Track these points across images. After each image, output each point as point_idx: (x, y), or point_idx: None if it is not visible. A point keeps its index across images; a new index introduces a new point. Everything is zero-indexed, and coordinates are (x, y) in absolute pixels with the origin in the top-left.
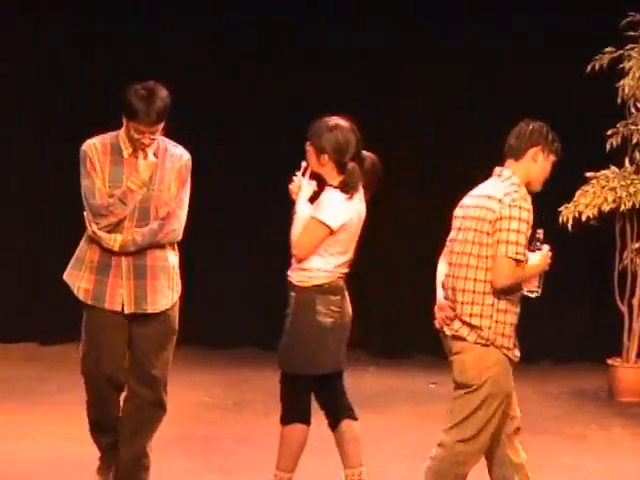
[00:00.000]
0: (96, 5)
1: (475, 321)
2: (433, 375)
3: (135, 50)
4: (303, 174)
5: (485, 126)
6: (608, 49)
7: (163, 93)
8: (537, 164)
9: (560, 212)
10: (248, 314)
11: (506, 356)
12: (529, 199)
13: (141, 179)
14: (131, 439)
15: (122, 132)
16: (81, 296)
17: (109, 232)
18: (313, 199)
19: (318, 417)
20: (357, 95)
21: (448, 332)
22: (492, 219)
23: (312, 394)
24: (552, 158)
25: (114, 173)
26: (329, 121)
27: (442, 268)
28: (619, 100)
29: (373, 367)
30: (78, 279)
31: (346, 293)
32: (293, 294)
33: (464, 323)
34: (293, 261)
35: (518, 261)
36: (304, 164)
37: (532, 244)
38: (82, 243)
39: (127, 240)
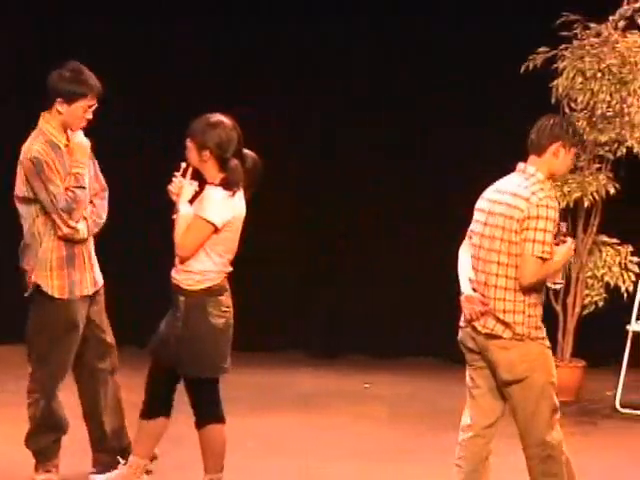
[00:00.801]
0: None
1: (508, 317)
2: (367, 375)
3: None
4: (183, 174)
5: (414, 127)
6: (542, 49)
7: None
8: (559, 159)
9: None
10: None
11: (543, 345)
12: (553, 194)
13: (84, 160)
14: (113, 411)
15: (47, 125)
16: (57, 294)
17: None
18: (193, 199)
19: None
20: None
21: (481, 329)
22: (520, 218)
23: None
24: (573, 151)
25: (62, 167)
26: (211, 118)
27: (465, 260)
28: (553, 100)
29: (309, 367)
30: (49, 278)
31: (229, 291)
32: (182, 298)
33: (498, 320)
34: (177, 262)
35: (544, 259)
36: (184, 165)
37: (557, 237)
38: (42, 245)
39: (89, 225)
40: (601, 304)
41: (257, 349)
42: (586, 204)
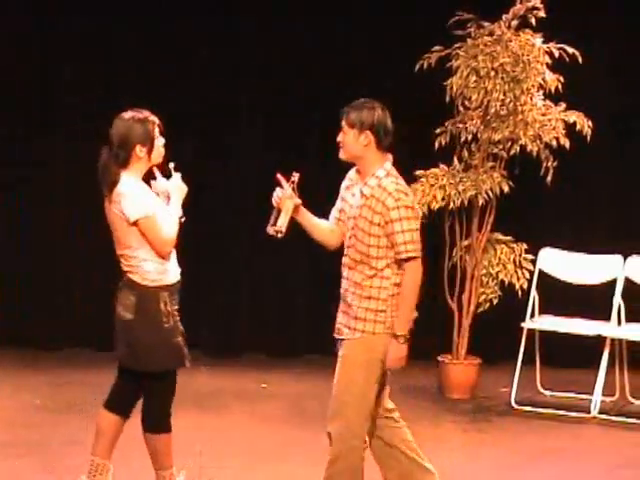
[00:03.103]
0: None
1: None
2: (264, 375)
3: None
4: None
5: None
6: (436, 48)
7: None
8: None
9: None
10: (81, 314)
11: None
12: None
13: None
14: None
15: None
16: None
17: None
18: None
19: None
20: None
21: None
22: None
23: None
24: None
25: None
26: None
27: None
28: (447, 98)
29: (205, 367)
30: None
31: None
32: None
33: None
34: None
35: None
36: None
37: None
38: None
39: None
40: (496, 302)
41: None
42: (480, 202)
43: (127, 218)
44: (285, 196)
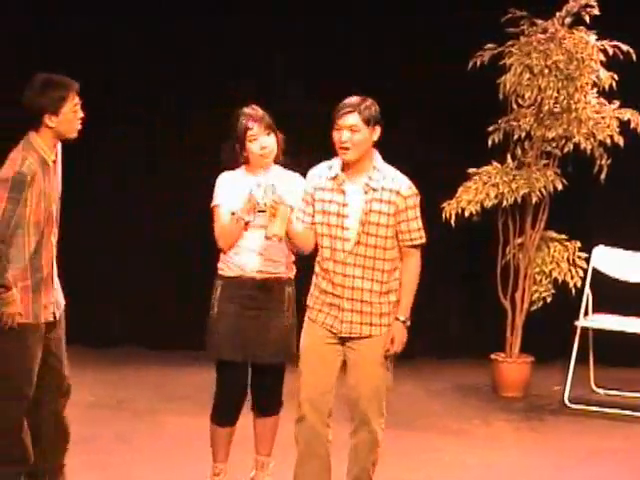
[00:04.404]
0: None
1: None
2: None
3: None
4: None
5: None
6: (489, 46)
7: None
8: None
9: (443, 208)
10: (132, 312)
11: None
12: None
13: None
14: (54, 451)
15: (39, 140)
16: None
17: None
18: None
19: None
20: None
21: None
22: None
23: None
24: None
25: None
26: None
27: None
28: (500, 96)
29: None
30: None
31: None
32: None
33: None
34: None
35: None
36: None
37: None
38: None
39: None
40: (549, 300)
41: None
42: (534, 200)
43: None
44: (280, 201)
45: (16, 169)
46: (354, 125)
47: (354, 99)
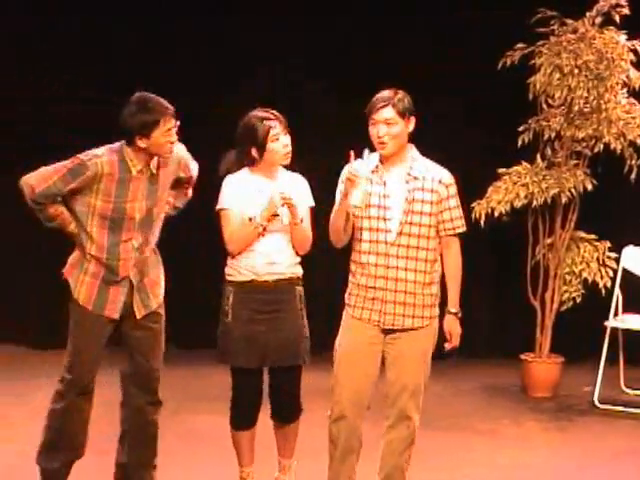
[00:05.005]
0: None
1: None
2: None
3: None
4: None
5: None
6: (519, 45)
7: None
8: None
9: (472, 208)
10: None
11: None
12: None
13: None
14: (137, 448)
15: (128, 149)
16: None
17: None
18: None
19: None
20: None
21: None
22: None
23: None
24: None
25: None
26: None
27: None
28: (530, 96)
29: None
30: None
31: None
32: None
33: None
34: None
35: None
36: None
37: None
38: None
39: None
40: (579, 300)
41: None
42: (564, 200)
43: None
44: (364, 174)
45: (85, 160)
46: (390, 118)
47: (386, 93)
